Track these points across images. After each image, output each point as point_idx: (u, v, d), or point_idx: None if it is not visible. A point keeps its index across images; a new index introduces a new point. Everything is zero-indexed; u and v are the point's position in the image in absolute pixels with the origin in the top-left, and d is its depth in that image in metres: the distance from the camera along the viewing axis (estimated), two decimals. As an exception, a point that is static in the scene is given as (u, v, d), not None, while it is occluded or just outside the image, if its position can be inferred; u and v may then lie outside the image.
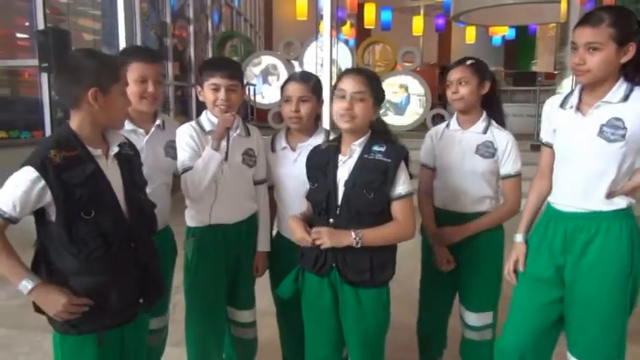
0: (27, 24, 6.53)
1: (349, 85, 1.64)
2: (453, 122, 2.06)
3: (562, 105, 1.66)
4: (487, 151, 1.97)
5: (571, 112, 1.62)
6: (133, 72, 1.83)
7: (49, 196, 1.36)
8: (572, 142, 1.62)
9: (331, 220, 1.67)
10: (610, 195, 1.56)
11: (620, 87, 1.53)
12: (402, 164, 1.66)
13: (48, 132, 5.64)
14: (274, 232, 2.12)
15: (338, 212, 1.66)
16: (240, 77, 1.92)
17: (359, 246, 1.61)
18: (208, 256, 1.94)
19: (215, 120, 1.89)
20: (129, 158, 1.57)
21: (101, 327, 1.47)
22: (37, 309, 1.47)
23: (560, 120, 1.67)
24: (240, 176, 1.95)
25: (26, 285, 1.38)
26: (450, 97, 2.00)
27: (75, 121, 1.46)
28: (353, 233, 1.61)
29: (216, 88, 1.86)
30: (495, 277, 2.01)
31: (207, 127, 1.91)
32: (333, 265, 1.68)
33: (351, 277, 1.68)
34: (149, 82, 1.86)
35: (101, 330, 1.47)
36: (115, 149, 1.51)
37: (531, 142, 7.25)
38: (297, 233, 1.70)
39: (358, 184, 1.63)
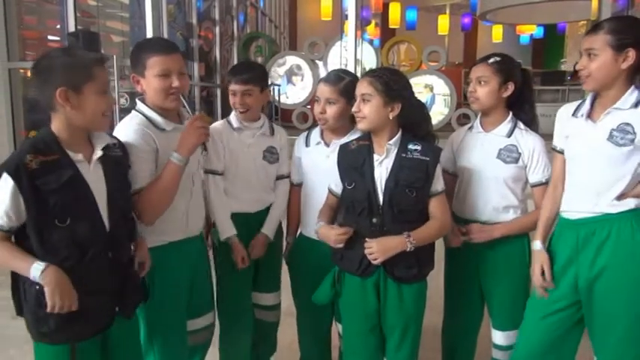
0: (58, 27, 6.69)
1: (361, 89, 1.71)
2: (476, 124, 1.97)
3: (574, 113, 1.67)
4: (510, 155, 1.85)
5: (582, 120, 1.63)
6: (153, 67, 1.66)
7: (22, 202, 1.32)
8: (583, 149, 1.62)
9: (374, 220, 1.68)
10: (621, 197, 1.55)
11: (632, 94, 1.55)
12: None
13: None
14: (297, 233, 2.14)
15: (381, 212, 1.67)
16: (256, 81, 1.98)
17: (412, 249, 1.63)
18: None
19: (240, 119, 2.04)
20: (117, 160, 1.50)
21: (74, 337, 1.41)
22: (19, 312, 1.44)
23: (571, 128, 1.67)
24: (261, 171, 2.06)
25: (38, 267, 1.31)
26: (468, 96, 1.92)
27: (54, 124, 1.40)
28: (407, 241, 1.62)
29: (233, 93, 1.99)
30: (522, 293, 1.92)
31: (235, 124, 2.05)
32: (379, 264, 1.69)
33: (398, 273, 1.70)
34: (173, 76, 1.68)
35: (74, 340, 1.41)
36: (99, 153, 1.44)
37: (560, 143, 7.06)
38: (331, 237, 1.69)
39: (401, 184, 1.66)
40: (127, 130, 1.67)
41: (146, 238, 1.70)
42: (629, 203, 1.55)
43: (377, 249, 1.63)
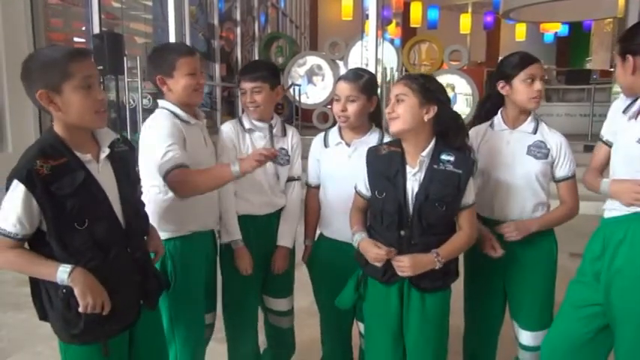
0: (83, 28, 6.82)
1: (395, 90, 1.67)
2: (498, 122, 1.93)
3: (625, 110, 1.64)
4: (540, 151, 1.85)
5: (626, 118, 1.61)
6: (183, 67, 1.83)
7: (35, 209, 1.30)
8: (619, 146, 1.62)
9: (402, 233, 1.65)
10: None
11: None
12: None
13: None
14: (317, 234, 2.12)
15: (410, 224, 1.64)
16: (266, 78, 1.98)
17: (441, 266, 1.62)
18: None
19: (252, 119, 2.04)
20: (122, 155, 1.49)
21: (104, 336, 1.41)
22: (42, 317, 1.44)
23: (618, 124, 1.65)
24: (271, 173, 2.04)
25: (65, 269, 1.31)
26: (530, 95, 1.83)
27: (56, 126, 1.37)
28: (436, 260, 1.61)
29: (244, 92, 2.00)
30: (549, 292, 1.91)
31: (247, 125, 2.04)
32: None
33: (424, 284, 1.68)
34: (198, 74, 1.87)
35: (104, 339, 1.41)
36: (107, 151, 1.42)
37: (585, 143, 6.95)
38: (371, 255, 1.66)
39: (431, 197, 1.62)
40: (158, 121, 1.80)
41: (169, 227, 1.82)
42: None
43: (409, 264, 1.60)
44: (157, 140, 1.74)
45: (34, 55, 1.36)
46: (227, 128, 2.03)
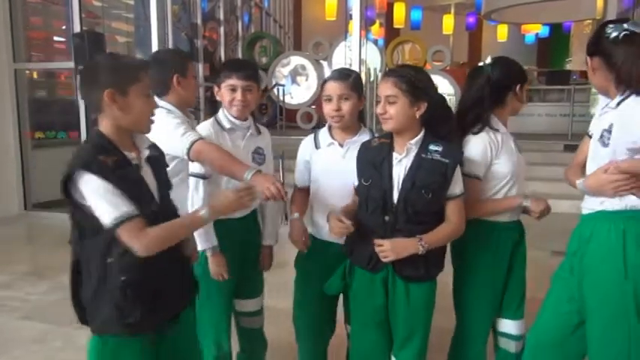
0: (64, 27, 6.72)
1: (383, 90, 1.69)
2: (501, 127, 1.89)
3: (603, 108, 1.67)
4: (518, 148, 1.93)
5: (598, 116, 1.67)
6: (192, 70, 2.11)
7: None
8: (589, 145, 1.68)
9: (387, 218, 1.67)
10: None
11: (623, 95, 1.55)
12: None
13: (83, 132, 5.81)
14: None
15: (394, 210, 1.66)
16: (256, 78, 2.01)
17: (424, 252, 1.63)
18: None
19: (231, 118, 1.99)
20: (157, 159, 1.56)
21: (154, 325, 1.46)
22: (82, 318, 1.48)
23: (595, 122, 1.70)
24: None
25: (204, 212, 1.47)
26: (524, 104, 1.94)
27: (102, 127, 1.44)
28: (419, 245, 1.62)
29: (233, 89, 1.95)
30: (525, 278, 1.98)
31: (226, 125, 2.00)
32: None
33: (406, 272, 1.70)
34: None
35: (153, 329, 1.47)
36: (146, 152, 1.50)
37: (565, 143, 7.06)
38: (331, 223, 1.68)
39: (417, 185, 1.65)
40: (164, 117, 1.91)
41: None
42: (611, 204, 1.56)
43: (390, 248, 1.63)
44: (171, 128, 1.89)
45: (106, 57, 1.49)
46: (205, 129, 1.97)
